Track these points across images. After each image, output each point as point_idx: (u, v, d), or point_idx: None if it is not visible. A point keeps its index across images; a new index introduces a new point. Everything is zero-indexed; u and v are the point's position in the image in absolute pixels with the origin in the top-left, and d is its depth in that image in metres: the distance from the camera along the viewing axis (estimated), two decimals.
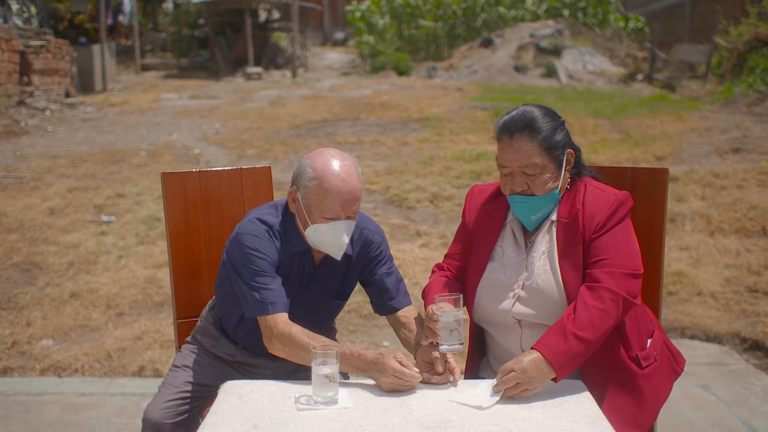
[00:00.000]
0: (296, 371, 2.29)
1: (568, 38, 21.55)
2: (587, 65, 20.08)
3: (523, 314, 2.15)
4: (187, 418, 2.33)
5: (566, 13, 24.40)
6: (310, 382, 1.95)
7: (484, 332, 2.32)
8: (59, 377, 4.08)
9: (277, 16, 24.38)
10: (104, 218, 7.00)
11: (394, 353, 2.04)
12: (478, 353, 2.36)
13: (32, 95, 13.74)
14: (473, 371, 2.36)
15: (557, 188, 2.15)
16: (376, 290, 2.39)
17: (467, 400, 1.93)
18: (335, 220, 2.16)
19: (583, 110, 13.00)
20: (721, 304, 4.98)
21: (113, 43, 20.10)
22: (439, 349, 2.03)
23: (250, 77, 20.43)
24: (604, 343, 2.05)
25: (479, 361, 2.36)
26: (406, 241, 6.34)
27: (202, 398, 2.38)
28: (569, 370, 1.98)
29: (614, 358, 2.12)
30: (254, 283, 2.17)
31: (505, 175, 2.17)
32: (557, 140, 2.13)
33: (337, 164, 2.15)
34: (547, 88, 17.42)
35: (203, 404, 2.38)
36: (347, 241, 2.21)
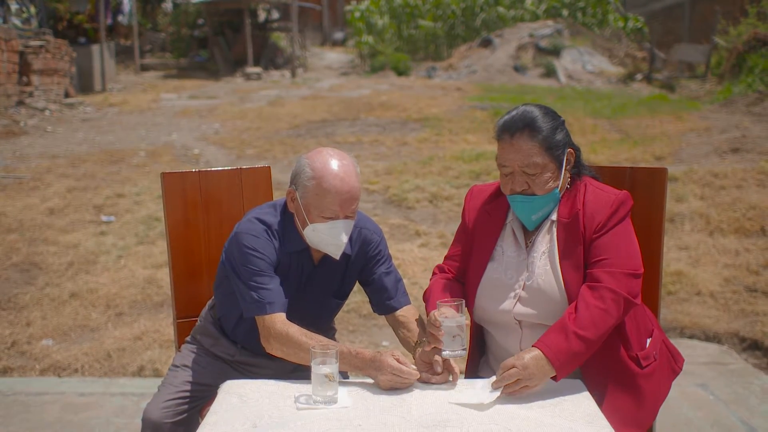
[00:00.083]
0: (296, 371, 2.30)
1: (567, 38, 21.56)
2: (586, 65, 20.09)
3: (523, 314, 2.15)
4: (186, 417, 2.33)
5: (565, 13, 24.41)
6: (309, 381, 1.95)
7: (483, 332, 2.33)
8: (59, 377, 4.08)
9: (276, 16, 24.38)
10: (104, 218, 7.00)
11: (391, 351, 2.05)
12: (477, 353, 2.36)
13: (31, 95, 13.74)
14: (473, 371, 2.36)
15: (558, 188, 2.16)
16: (374, 290, 2.39)
17: (467, 399, 1.93)
18: (334, 219, 2.16)
19: (582, 110, 13.00)
20: (720, 303, 4.98)
21: (112, 43, 20.09)
22: (441, 354, 2.03)
23: (249, 77, 20.43)
24: (604, 342, 2.05)
25: (479, 360, 2.37)
26: (405, 241, 6.34)
27: (201, 398, 2.38)
28: (570, 369, 1.99)
29: (614, 357, 2.12)
30: (252, 282, 2.17)
31: (505, 174, 2.17)
32: (558, 140, 2.13)
33: (335, 164, 2.16)
34: (546, 88, 17.43)
35: (203, 404, 2.38)
36: (346, 240, 2.21)
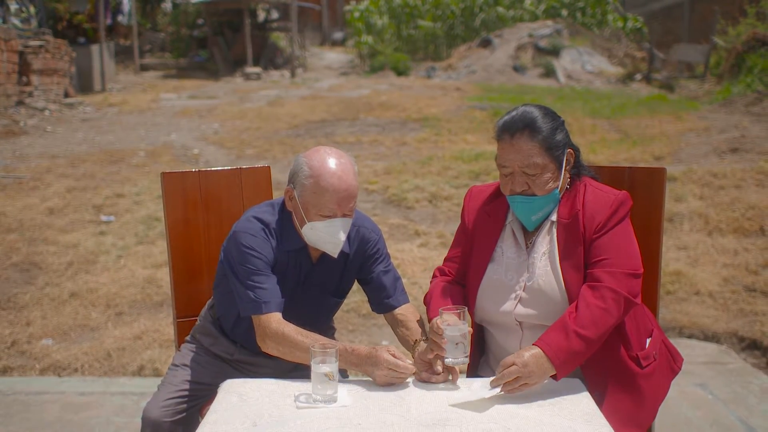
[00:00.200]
0: (295, 370, 2.30)
1: (566, 38, 21.57)
2: (586, 65, 20.10)
3: (524, 315, 2.16)
4: (186, 416, 2.34)
5: (565, 13, 24.42)
6: (309, 380, 1.95)
7: (484, 331, 2.33)
8: (59, 377, 4.08)
9: (275, 16, 24.39)
10: (103, 218, 7.00)
11: (387, 347, 2.05)
12: (477, 353, 2.36)
13: (31, 95, 13.74)
14: (472, 370, 2.36)
15: (557, 188, 2.16)
16: (373, 288, 2.40)
17: (468, 398, 1.93)
18: (332, 217, 2.17)
19: (581, 110, 13.01)
20: (719, 303, 4.99)
21: (112, 43, 20.10)
22: (444, 362, 2.03)
23: (248, 77, 20.44)
24: (604, 342, 2.06)
25: (479, 360, 2.37)
26: (405, 240, 6.35)
27: (201, 397, 2.39)
28: (570, 368, 1.99)
29: (614, 357, 2.13)
30: (249, 282, 2.18)
31: (505, 175, 2.17)
32: (557, 140, 2.14)
33: (333, 162, 2.16)
34: (545, 88, 17.44)
35: (202, 403, 2.38)
36: (344, 238, 2.22)
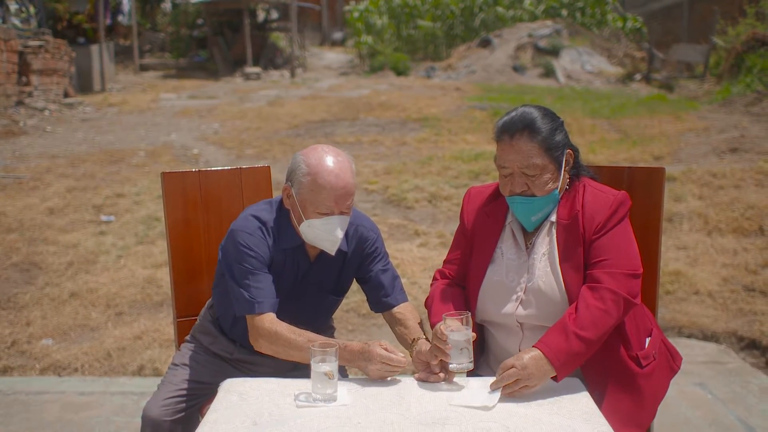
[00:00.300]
0: (295, 368, 2.31)
1: (566, 38, 21.58)
2: (585, 65, 20.11)
3: (525, 317, 2.16)
4: (185, 415, 2.34)
5: (564, 13, 24.43)
6: (309, 379, 1.96)
7: (484, 331, 2.33)
8: (59, 376, 4.09)
9: (275, 16, 24.41)
10: (103, 218, 7.01)
11: (379, 341, 2.07)
12: (477, 352, 2.36)
13: (31, 95, 13.74)
14: (472, 370, 2.36)
15: (557, 189, 2.16)
16: (371, 287, 2.40)
17: (470, 401, 1.93)
18: (329, 215, 2.18)
19: (581, 110, 13.02)
20: (718, 303, 4.99)
21: (112, 43, 20.10)
22: (448, 368, 2.03)
23: (248, 77, 20.45)
24: (604, 342, 2.06)
25: (479, 359, 2.37)
26: (404, 240, 6.36)
27: (201, 396, 2.39)
28: (570, 369, 1.99)
29: (614, 357, 2.13)
30: (245, 281, 2.19)
31: (504, 176, 2.17)
32: (557, 141, 2.14)
33: (330, 160, 2.17)
34: (545, 88, 17.45)
35: (202, 402, 2.39)
36: (341, 235, 2.23)
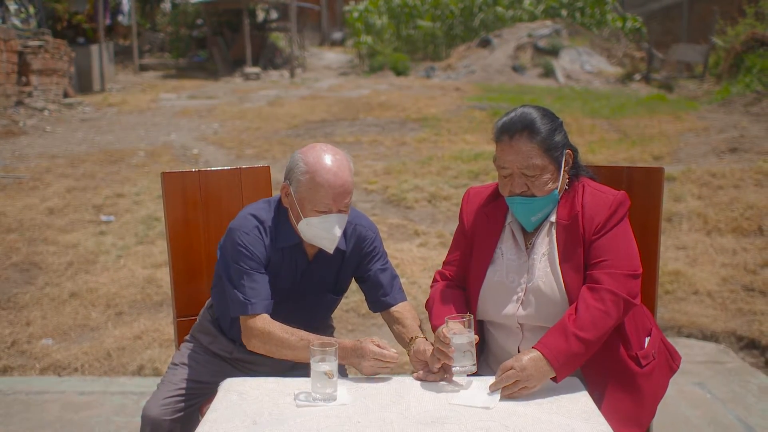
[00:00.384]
0: (294, 368, 2.31)
1: (565, 38, 21.58)
2: (585, 65, 20.11)
3: (525, 317, 2.16)
4: (185, 414, 2.35)
5: (564, 13, 24.44)
6: (309, 378, 1.96)
7: (484, 331, 2.33)
8: (59, 376, 4.09)
9: (275, 16, 24.42)
10: (103, 218, 7.01)
11: (371, 338, 2.08)
12: (477, 351, 2.36)
13: (30, 95, 13.74)
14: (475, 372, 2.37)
15: (557, 189, 2.16)
16: (370, 286, 2.41)
17: (471, 401, 1.94)
18: (327, 213, 2.19)
19: (580, 110, 13.03)
20: (717, 302, 5.00)
21: (111, 43, 20.10)
22: (452, 370, 2.03)
23: (248, 77, 20.45)
24: (604, 342, 2.06)
25: (478, 359, 2.37)
26: (404, 240, 6.36)
27: (200, 395, 2.40)
28: (570, 370, 2.00)
29: (614, 357, 2.13)
30: (240, 281, 2.21)
31: (504, 176, 2.17)
32: (557, 141, 2.14)
33: (328, 158, 2.18)
34: (544, 88, 17.45)
35: (202, 401, 2.40)
36: (339, 233, 2.23)
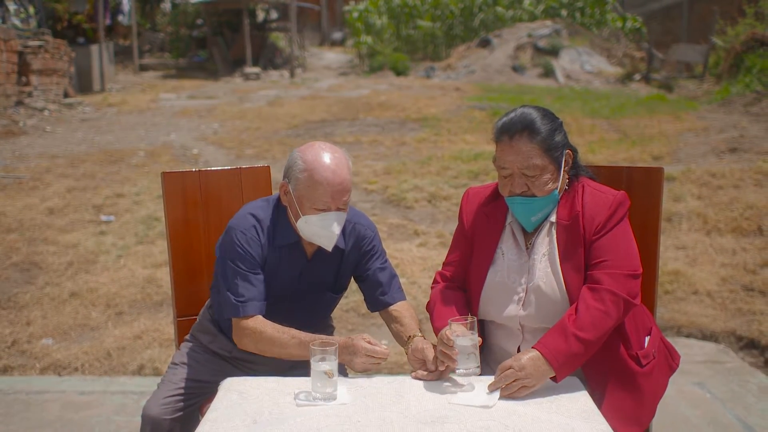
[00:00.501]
0: (294, 367, 2.31)
1: (565, 38, 21.59)
2: (585, 65, 20.12)
3: (526, 318, 2.16)
4: (185, 414, 2.35)
5: (564, 13, 24.45)
6: (309, 378, 1.97)
7: (484, 330, 2.33)
8: (59, 376, 4.10)
9: (275, 16, 24.42)
10: (103, 218, 7.01)
11: (362, 335, 2.10)
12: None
13: (30, 95, 13.75)
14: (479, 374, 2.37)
15: (557, 189, 2.17)
16: (369, 285, 2.42)
17: (470, 400, 1.94)
18: (326, 211, 2.19)
19: (580, 110, 13.03)
20: (717, 302, 5.00)
21: (111, 43, 20.10)
22: (456, 373, 2.02)
23: (248, 77, 20.45)
24: (604, 342, 2.07)
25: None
26: (404, 240, 6.36)
27: (200, 394, 2.40)
28: (569, 370, 2.00)
29: (615, 357, 2.14)
30: (234, 281, 2.21)
31: (504, 176, 2.17)
32: (556, 141, 2.15)
33: (327, 156, 2.19)
34: (544, 88, 17.45)
35: (202, 400, 2.40)
36: (338, 231, 2.24)
